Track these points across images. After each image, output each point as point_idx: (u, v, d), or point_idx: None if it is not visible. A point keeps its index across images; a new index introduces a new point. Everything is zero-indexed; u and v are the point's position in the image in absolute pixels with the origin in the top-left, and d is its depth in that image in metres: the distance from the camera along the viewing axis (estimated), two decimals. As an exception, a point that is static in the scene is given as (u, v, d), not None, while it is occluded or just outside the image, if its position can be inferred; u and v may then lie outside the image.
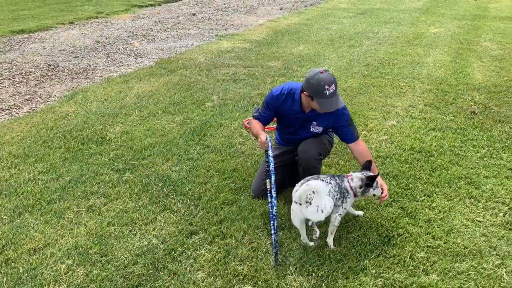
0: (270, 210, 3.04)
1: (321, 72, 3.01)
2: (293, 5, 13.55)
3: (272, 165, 2.95)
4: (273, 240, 2.85)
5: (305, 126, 3.34)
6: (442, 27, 9.88)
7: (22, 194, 3.55)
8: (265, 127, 3.47)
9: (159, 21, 11.14)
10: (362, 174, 3.02)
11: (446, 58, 7.37)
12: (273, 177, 2.91)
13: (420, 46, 8.21)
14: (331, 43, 8.45)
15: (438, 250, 2.96)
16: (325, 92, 2.98)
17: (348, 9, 12.32)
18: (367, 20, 10.72)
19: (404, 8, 12.44)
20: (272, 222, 2.87)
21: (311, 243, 2.99)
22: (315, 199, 2.77)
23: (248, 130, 4.71)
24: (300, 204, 2.81)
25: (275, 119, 3.52)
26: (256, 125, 3.34)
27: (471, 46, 8.21)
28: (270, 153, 3.01)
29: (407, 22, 10.42)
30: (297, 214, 2.85)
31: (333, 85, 3.00)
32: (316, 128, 3.33)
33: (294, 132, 3.40)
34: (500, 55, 7.59)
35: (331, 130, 3.59)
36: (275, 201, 2.87)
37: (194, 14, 12.17)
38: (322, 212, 2.78)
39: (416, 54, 7.65)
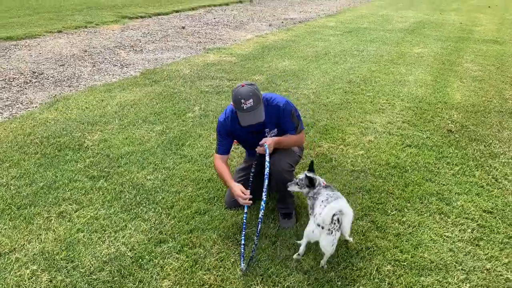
0: (244, 216, 3.05)
1: (242, 86, 3.01)
2: (282, 22, 13.72)
3: (267, 170, 2.99)
4: (254, 244, 2.90)
5: (262, 137, 3.27)
6: (426, 47, 10.07)
7: (-8, 198, 3.52)
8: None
9: (148, 33, 11.20)
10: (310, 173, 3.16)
11: (427, 78, 7.51)
12: (266, 182, 2.95)
13: (403, 65, 8.35)
14: (316, 59, 8.56)
15: (405, 263, 2.99)
16: (242, 105, 2.97)
17: (335, 28, 12.52)
18: (353, 39, 10.89)
19: (390, 28, 12.68)
20: (258, 225, 2.91)
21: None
22: (342, 226, 2.77)
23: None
24: (322, 228, 2.72)
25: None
26: (222, 171, 3.26)
27: (452, 66, 8.38)
28: (267, 162, 3.02)
29: (392, 42, 10.61)
30: (315, 236, 2.79)
31: (251, 100, 2.96)
32: (271, 133, 3.30)
33: (256, 145, 3.39)
34: (480, 76, 7.74)
35: None
36: (264, 204, 2.91)
37: (183, 27, 12.26)
38: (332, 246, 2.76)
39: (398, 72, 7.78)
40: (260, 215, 2.92)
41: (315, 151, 4.58)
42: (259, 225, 2.91)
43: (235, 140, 3.46)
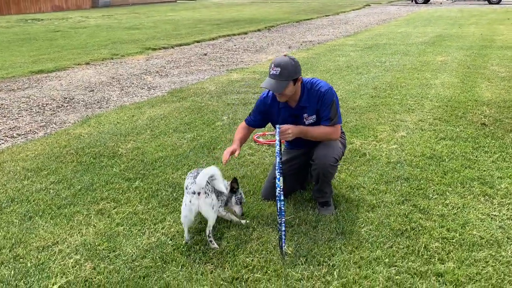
0: (282, 204, 2.94)
1: (284, 55, 3.11)
2: (301, 44, 13.91)
3: (277, 148, 2.98)
4: (282, 232, 2.79)
5: (299, 121, 3.25)
6: (449, 56, 10.01)
7: (33, 201, 3.58)
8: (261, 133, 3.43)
9: (172, 60, 11.50)
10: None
11: (454, 80, 7.43)
12: (278, 159, 2.93)
13: (427, 71, 8.30)
14: (338, 72, 8.60)
15: (453, 241, 2.88)
16: (270, 69, 3.07)
17: (355, 45, 12.60)
18: (374, 53, 10.92)
19: (410, 42, 12.68)
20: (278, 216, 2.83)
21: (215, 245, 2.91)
22: (215, 185, 2.90)
23: (257, 144, 4.76)
24: (199, 194, 2.80)
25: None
26: (236, 133, 3.44)
27: (478, 70, 8.28)
28: (277, 154, 2.97)
29: (414, 53, 10.59)
30: (194, 207, 2.82)
31: (278, 69, 3.01)
32: (310, 119, 3.26)
33: None
34: (508, 76, 7.62)
35: (343, 132, 3.52)
36: (278, 182, 2.84)
37: (205, 54, 12.55)
38: (213, 208, 2.86)
39: (423, 77, 7.73)
40: (277, 192, 2.82)
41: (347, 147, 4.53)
42: (278, 203, 2.80)
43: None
